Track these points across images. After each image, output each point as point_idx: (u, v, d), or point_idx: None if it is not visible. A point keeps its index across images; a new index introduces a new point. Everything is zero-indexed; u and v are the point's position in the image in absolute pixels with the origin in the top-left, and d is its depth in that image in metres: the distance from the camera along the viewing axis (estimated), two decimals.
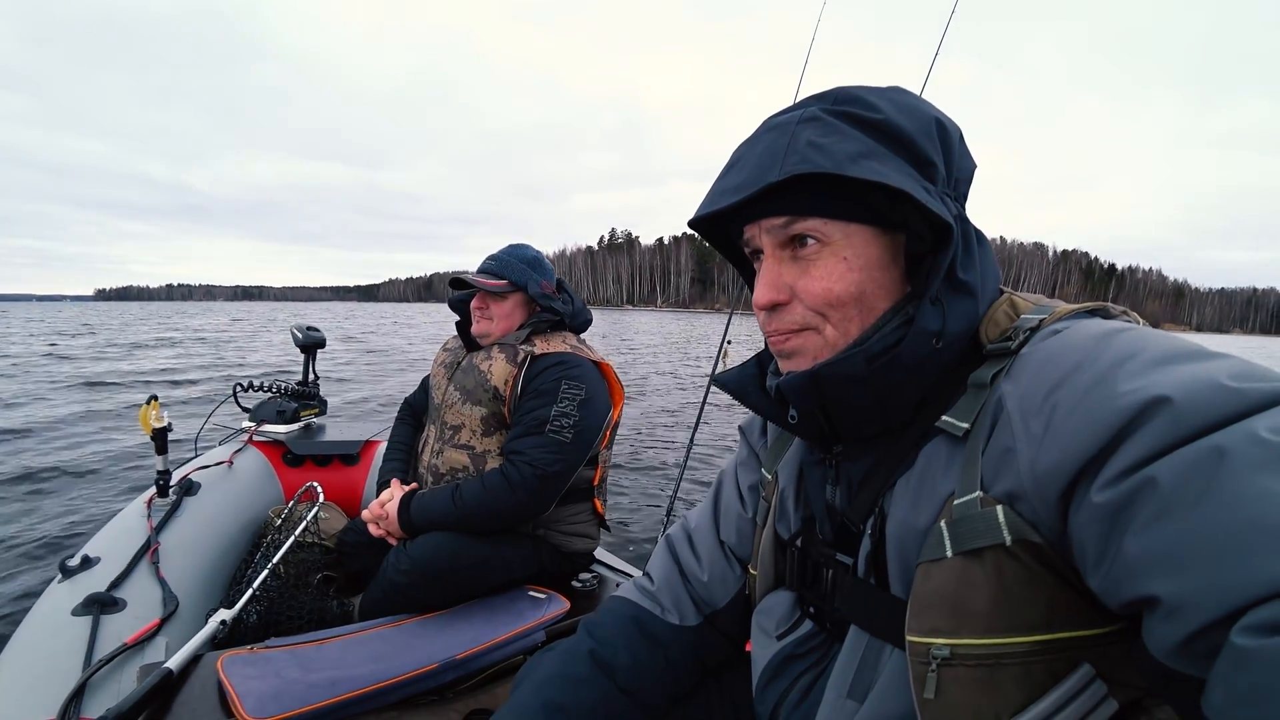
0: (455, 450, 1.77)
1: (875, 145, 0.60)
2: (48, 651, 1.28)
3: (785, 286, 0.65)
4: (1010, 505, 0.53)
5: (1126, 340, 0.52)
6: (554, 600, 1.63)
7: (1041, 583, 0.51)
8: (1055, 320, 0.60)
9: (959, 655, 0.53)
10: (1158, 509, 0.42)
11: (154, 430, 1.86)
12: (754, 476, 0.90)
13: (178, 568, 1.67)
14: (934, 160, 0.61)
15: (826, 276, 0.63)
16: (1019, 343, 0.59)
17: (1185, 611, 0.40)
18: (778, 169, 0.59)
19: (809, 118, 0.62)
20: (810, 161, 0.58)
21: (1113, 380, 0.49)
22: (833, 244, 0.63)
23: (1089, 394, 0.49)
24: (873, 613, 0.65)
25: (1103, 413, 0.47)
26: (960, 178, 0.65)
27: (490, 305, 1.81)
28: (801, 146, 0.59)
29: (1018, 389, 0.55)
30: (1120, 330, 0.54)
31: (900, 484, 0.64)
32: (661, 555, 0.96)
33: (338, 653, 1.34)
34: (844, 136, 0.60)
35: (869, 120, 0.61)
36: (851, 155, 0.58)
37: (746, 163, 0.63)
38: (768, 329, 0.68)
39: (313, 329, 2.92)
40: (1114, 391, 0.48)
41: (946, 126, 0.64)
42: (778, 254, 0.66)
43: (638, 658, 0.85)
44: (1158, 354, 0.49)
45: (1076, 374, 0.51)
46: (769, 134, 0.64)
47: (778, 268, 0.66)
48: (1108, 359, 0.51)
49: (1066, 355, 0.54)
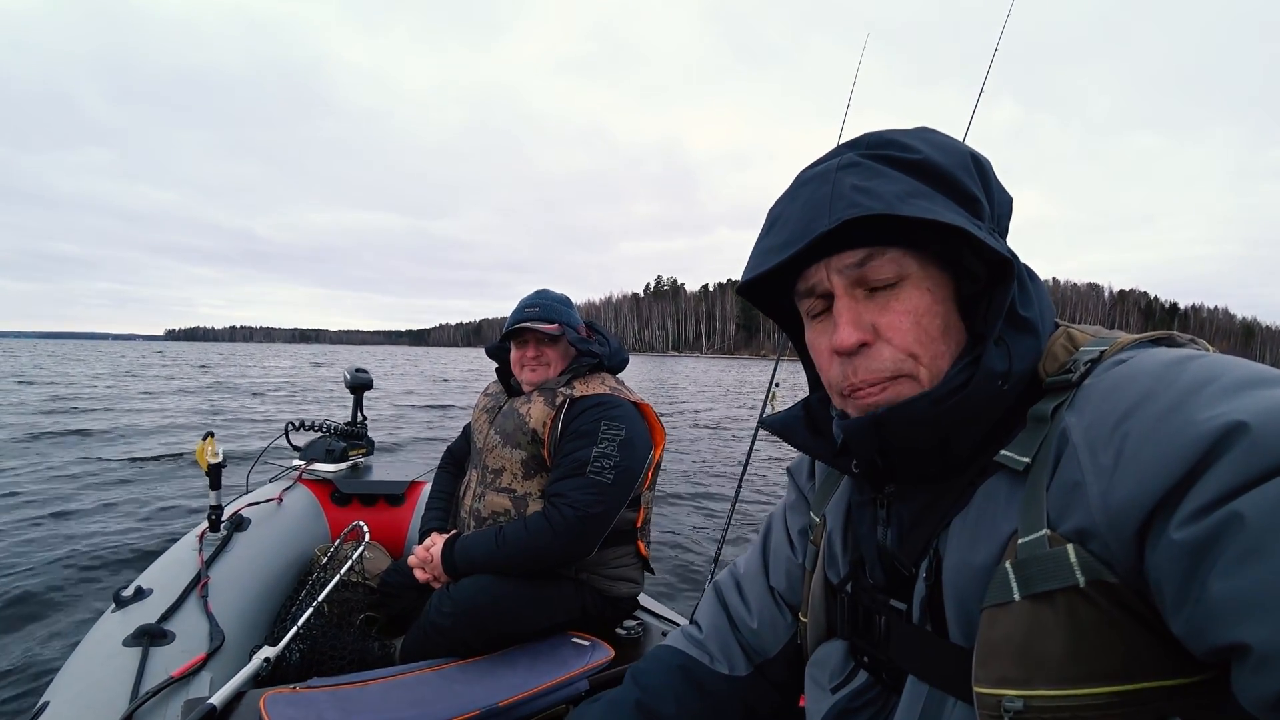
0: (497, 494, 1.77)
1: (919, 185, 0.58)
2: (98, 681, 1.30)
3: (868, 325, 0.61)
4: (1081, 543, 0.49)
5: (1201, 366, 0.48)
6: (598, 648, 1.59)
7: (1119, 627, 0.47)
8: (1118, 350, 0.57)
9: (1033, 708, 0.49)
10: (1245, 548, 0.39)
11: (209, 465, 1.91)
12: (803, 520, 0.87)
13: (225, 602, 1.68)
14: (977, 196, 0.59)
15: (914, 310, 0.60)
16: (1080, 374, 0.56)
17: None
18: (826, 217, 0.57)
19: (848, 164, 0.60)
20: (860, 205, 0.56)
21: (1188, 407, 0.45)
22: (913, 275, 0.60)
23: (1163, 422, 0.46)
24: (932, 662, 0.61)
25: (1180, 441, 0.44)
26: (1001, 213, 0.63)
27: (545, 351, 1.81)
28: (847, 192, 0.57)
29: (1083, 420, 0.52)
30: (1192, 357, 0.51)
31: (956, 524, 0.60)
32: (710, 603, 0.93)
33: (379, 696, 1.32)
34: (888, 179, 0.58)
35: (908, 161, 0.59)
36: (900, 195, 0.56)
37: (789, 217, 0.61)
38: (852, 380, 0.62)
39: (361, 370, 2.98)
40: (1191, 419, 0.44)
41: (981, 161, 0.63)
42: (852, 293, 0.62)
43: (685, 708, 0.82)
44: (1237, 379, 0.46)
45: (1148, 402, 0.48)
46: (807, 186, 0.62)
47: (856, 306, 0.61)
48: (1181, 385, 0.47)
49: (1135, 383, 0.50)
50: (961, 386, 0.58)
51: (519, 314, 1.82)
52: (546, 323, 1.77)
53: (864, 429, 0.61)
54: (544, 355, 1.81)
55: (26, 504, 4.81)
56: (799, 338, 0.75)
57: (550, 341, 1.80)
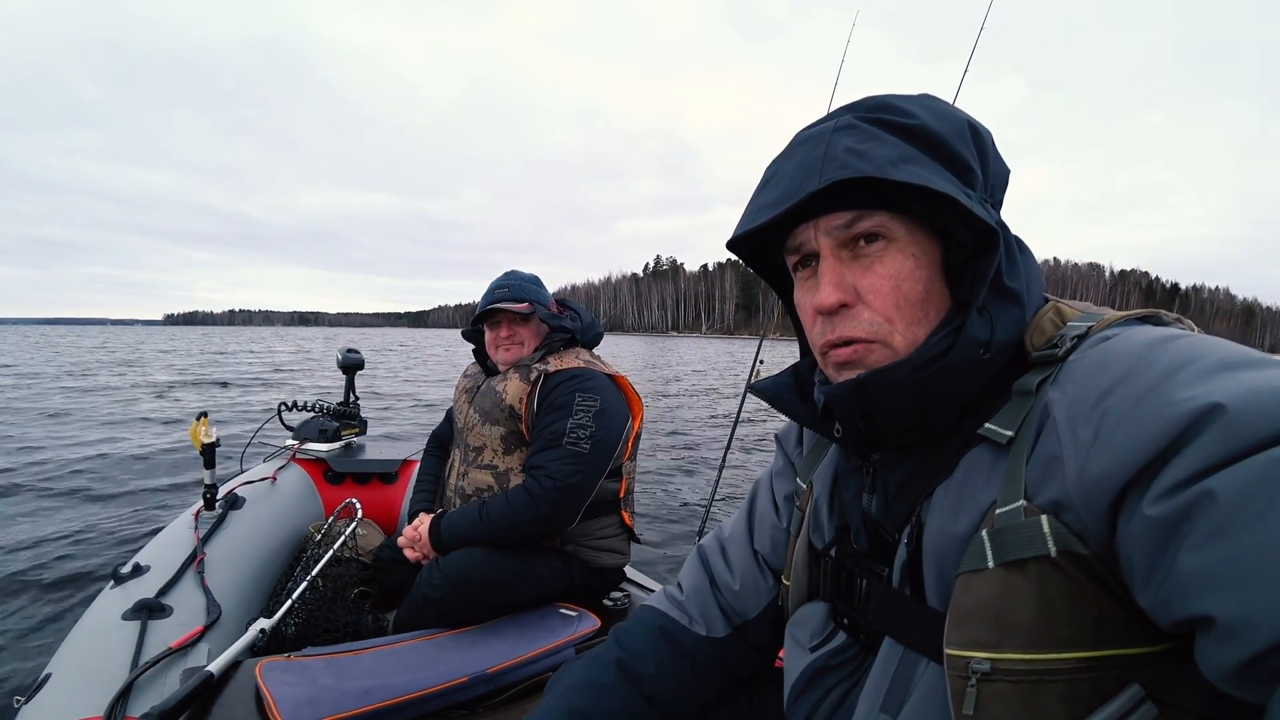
0: (479, 471, 1.81)
1: (913, 150, 0.59)
2: (98, 653, 1.34)
3: (850, 286, 0.62)
4: (1055, 515, 0.51)
5: (1182, 346, 0.49)
6: (585, 618, 1.63)
7: (1087, 596, 0.49)
8: (1104, 327, 0.58)
9: (1000, 670, 0.51)
10: (1216, 524, 0.40)
11: (203, 445, 1.94)
12: (789, 486, 0.88)
13: (221, 578, 1.72)
14: (971, 165, 0.60)
15: (896, 274, 0.61)
16: (1066, 350, 0.57)
17: (1244, 633, 0.38)
18: (817, 177, 0.58)
19: (844, 125, 0.61)
20: (851, 167, 0.57)
21: (1168, 387, 0.46)
22: (898, 240, 0.61)
23: (1142, 401, 0.47)
24: (908, 624, 0.63)
25: (1157, 420, 0.45)
26: (996, 184, 0.64)
27: (518, 330, 1.85)
28: (840, 153, 0.58)
29: (1065, 395, 0.53)
30: (1174, 337, 0.51)
31: (939, 492, 0.61)
32: (693, 565, 0.95)
33: (372, 662, 1.36)
34: (882, 142, 0.59)
35: (905, 126, 0.60)
36: (892, 159, 0.57)
37: (783, 175, 0.62)
38: (829, 337, 0.64)
39: (352, 350, 3.00)
40: (1169, 398, 0.45)
41: (980, 131, 0.63)
42: (838, 253, 0.63)
43: (664, 667, 0.85)
44: (1216, 360, 0.47)
45: (1128, 380, 0.49)
46: (803, 145, 0.63)
47: (839, 267, 0.62)
48: (1162, 365, 0.48)
49: (1118, 361, 0.51)
50: (942, 354, 0.59)
51: (489, 296, 1.85)
52: (516, 302, 1.81)
53: (845, 394, 0.63)
54: (517, 334, 1.85)
55: (30, 484, 4.86)
56: (787, 298, 0.75)
57: (522, 320, 1.84)
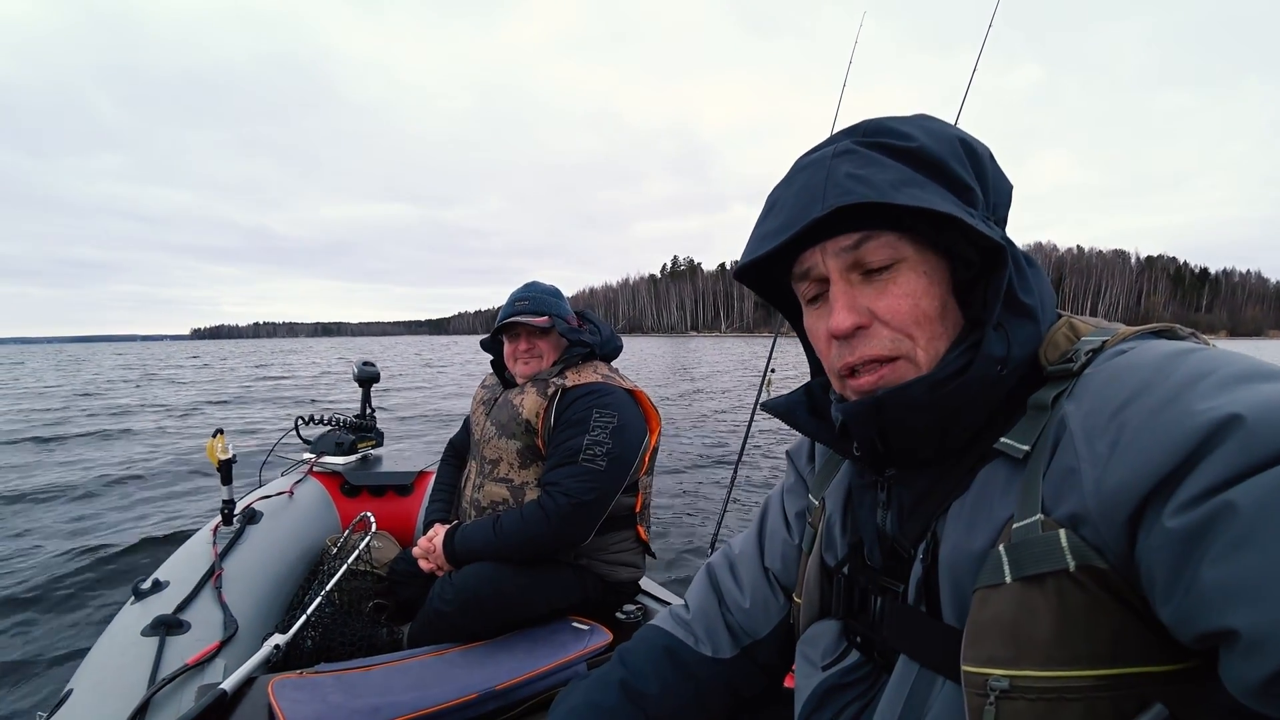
0: (495, 484, 1.81)
1: (913, 174, 0.59)
2: (117, 668, 1.37)
3: (863, 309, 0.62)
4: (1073, 529, 0.50)
5: (1198, 359, 0.49)
6: (597, 632, 1.63)
7: (1107, 612, 0.48)
8: (1119, 341, 0.58)
9: (1019, 687, 0.50)
10: (1237, 536, 0.40)
11: (220, 462, 1.97)
12: (801, 503, 0.88)
13: (239, 593, 1.74)
14: (970, 185, 0.60)
15: (911, 293, 0.61)
16: (1081, 364, 0.57)
17: (1268, 647, 0.38)
18: (820, 204, 0.58)
19: (843, 151, 0.61)
20: (853, 193, 0.57)
21: (1185, 399, 0.46)
22: (909, 259, 0.61)
23: (1160, 413, 0.47)
24: (924, 642, 0.62)
25: (1175, 431, 0.45)
26: (998, 200, 0.64)
27: (537, 343, 1.85)
28: (841, 179, 0.58)
29: (1081, 408, 0.53)
30: (1191, 350, 0.51)
31: (954, 508, 0.61)
32: (701, 583, 0.95)
33: (382, 679, 1.37)
34: (882, 167, 0.59)
35: (903, 149, 0.60)
36: (893, 183, 0.57)
37: (785, 203, 0.63)
38: (849, 359, 0.63)
39: (368, 363, 3.03)
40: (1187, 410, 0.45)
41: (974, 148, 0.63)
42: (847, 276, 0.63)
43: (668, 688, 0.84)
44: (1233, 372, 0.46)
45: (1146, 392, 0.49)
46: (803, 172, 0.63)
47: (851, 290, 0.63)
48: (1179, 377, 0.48)
49: (1134, 374, 0.51)
50: (960, 371, 0.59)
51: (509, 309, 1.85)
52: (536, 315, 1.81)
53: (863, 412, 0.63)
54: (535, 347, 1.84)
55: (52, 500, 4.98)
56: (799, 322, 0.75)
57: (541, 334, 1.84)
